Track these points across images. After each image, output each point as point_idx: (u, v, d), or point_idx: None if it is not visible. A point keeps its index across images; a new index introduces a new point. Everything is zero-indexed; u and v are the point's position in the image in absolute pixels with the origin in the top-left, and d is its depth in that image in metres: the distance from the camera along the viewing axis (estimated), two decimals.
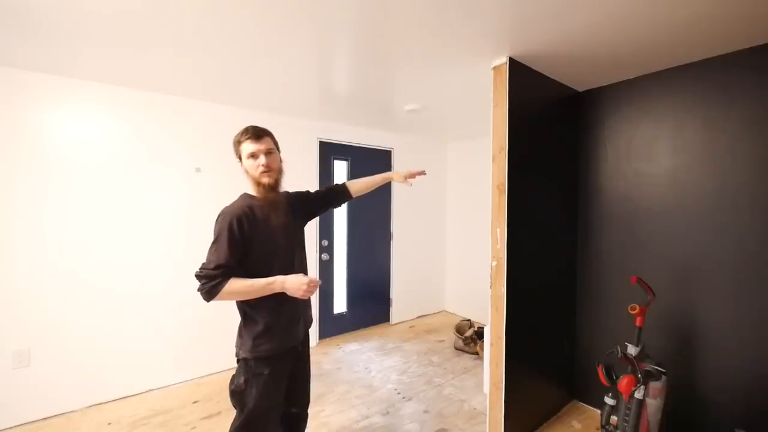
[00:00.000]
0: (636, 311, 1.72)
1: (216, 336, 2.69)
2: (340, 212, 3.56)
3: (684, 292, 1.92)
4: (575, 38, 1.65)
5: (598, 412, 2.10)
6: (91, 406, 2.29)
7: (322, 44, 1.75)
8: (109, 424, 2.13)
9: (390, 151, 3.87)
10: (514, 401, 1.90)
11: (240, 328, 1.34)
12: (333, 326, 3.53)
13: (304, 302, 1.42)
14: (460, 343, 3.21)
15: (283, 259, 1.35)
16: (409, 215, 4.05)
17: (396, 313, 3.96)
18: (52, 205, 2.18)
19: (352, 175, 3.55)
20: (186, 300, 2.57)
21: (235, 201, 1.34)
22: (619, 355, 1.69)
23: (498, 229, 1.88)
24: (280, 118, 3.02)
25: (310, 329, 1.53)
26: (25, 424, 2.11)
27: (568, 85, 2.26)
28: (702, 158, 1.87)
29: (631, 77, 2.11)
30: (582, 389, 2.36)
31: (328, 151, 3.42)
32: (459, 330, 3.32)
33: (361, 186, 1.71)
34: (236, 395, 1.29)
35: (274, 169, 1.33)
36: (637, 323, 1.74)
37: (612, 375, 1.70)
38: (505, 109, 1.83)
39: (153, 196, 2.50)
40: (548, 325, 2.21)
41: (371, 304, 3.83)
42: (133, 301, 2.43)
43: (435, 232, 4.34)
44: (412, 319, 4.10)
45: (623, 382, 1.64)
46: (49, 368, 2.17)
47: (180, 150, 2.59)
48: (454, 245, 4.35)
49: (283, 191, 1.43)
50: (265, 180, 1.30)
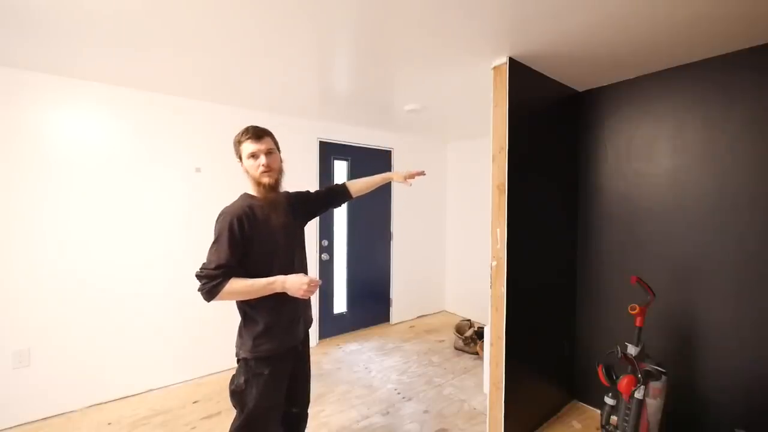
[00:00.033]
0: (636, 311, 1.72)
1: (216, 336, 2.69)
2: (340, 212, 3.56)
3: (684, 292, 1.92)
4: (575, 38, 1.65)
5: (598, 412, 2.10)
6: (91, 406, 2.29)
7: (322, 44, 1.75)
8: (109, 424, 2.13)
9: (390, 151, 3.87)
10: (514, 401, 1.90)
11: (240, 328, 1.34)
12: (333, 326, 3.53)
13: (304, 302, 1.42)
14: (460, 343, 3.22)
15: (283, 259, 1.35)
16: (409, 215, 4.05)
17: (396, 313, 3.96)
18: (52, 205, 2.18)
19: (352, 175, 3.55)
20: (186, 300, 2.57)
21: (236, 201, 1.34)
22: (619, 355, 1.69)
23: (498, 229, 1.88)
24: (280, 118, 3.02)
25: (310, 329, 1.53)
26: (25, 424, 2.11)
27: (568, 85, 2.26)
28: (702, 158, 1.87)
29: (631, 77, 2.11)
30: (582, 389, 2.37)
31: (328, 151, 3.42)
32: (459, 330, 3.32)
33: (361, 186, 1.71)
34: (236, 395, 1.29)
35: (275, 169, 1.33)
36: (637, 323, 1.74)
37: (612, 375, 1.71)
38: (505, 109, 1.83)
39: (153, 196, 2.50)
40: (548, 325, 2.21)
41: (371, 304, 3.83)
42: (133, 301, 2.43)
43: (435, 232, 4.33)
44: (412, 319, 4.10)
45: (623, 382, 1.64)
46: (49, 368, 2.18)
47: (180, 150, 2.59)
48: (454, 245, 4.35)
49: (283, 191, 1.43)
50: (266, 180, 1.30)
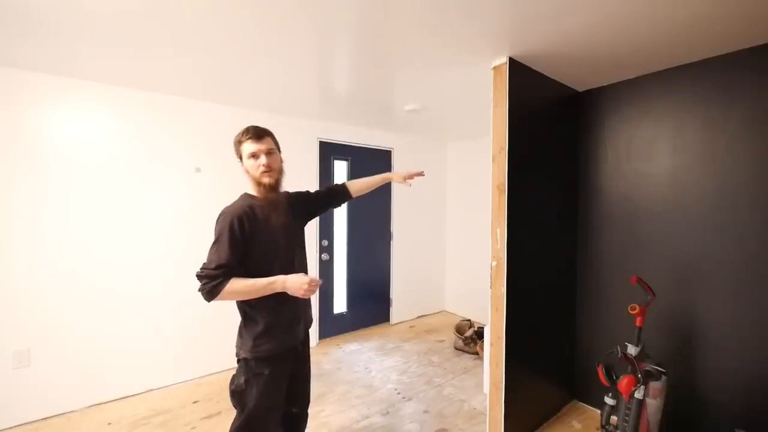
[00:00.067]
0: (636, 311, 1.72)
1: (216, 336, 2.69)
2: (340, 212, 3.56)
3: (684, 292, 1.92)
4: (575, 38, 1.65)
5: (598, 412, 2.10)
6: (91, 406, 2.29)
7: (322, 44, 1.75)
8: (109, 424, 2.13)
9: (390, 151, 3.87)
10: (514, 401, 1.90)
11: (240, 328, 1.34)
12: (333, 326, 3.53)
13: (304, 302, 1.43)
14: (460, 343, 3.22)
15: (283, 259, 1.35)
16: (409, 215, 4.05)
17: (396, 313, 3.96)
18: (52, 205, 2.18)
19: (352, 175, 3.55)
20: (186, 300, 2.57)
21: (236, 201, 1.34)
22: (619, 355, 1.69)
23: (498, 229, 1.88)
24: (280, 118, 3.02)
25: (310, 329, 1.53)
26: (25, 424, 2.11)
27: (568, 85, 2.26)
28: (702, 158, 1.87)
29: (631, 77, 2.11)
30: (582, 389, 2.37)
31: (328, 151, 3.42)
32: (459, 330, 3.32)
33: (360, 186, 1.71)
34: (236, 395, 1.29)
35: (275, 169, 1.33)
36: (637, 323, 1.74)
37: (612, 375, 1.71)
38: (505, 109, 1.83)
39: (153, 196, 2.50)
40: (548, 325, 2.21)
41: (371, 304, 3.83)
42: (133, 301, 2.43)
43: (435, 232, 4.33)
44: (412, 319, 4.10)
45: (623, 382, 1.64)
46: (49, 368, 2.18)
47: (180, 150, 2.59)
48: (454, 245, 4.35)
49: (283, 191, 1.43)
50: (266, 180, 1.30)
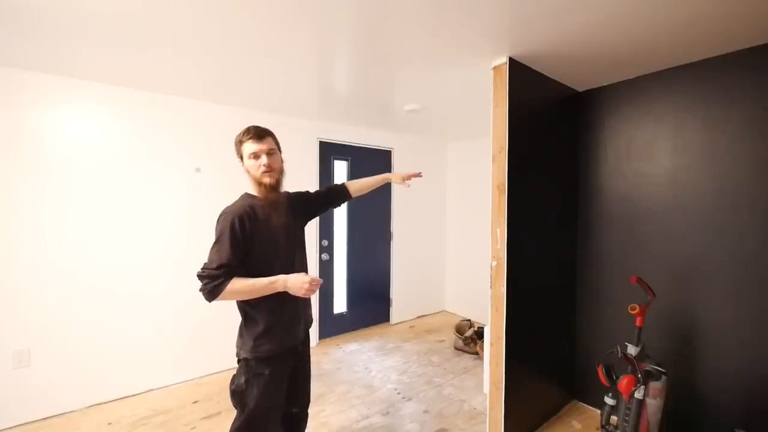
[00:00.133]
0: (636, 311, 1.72)
1: (216, 336, 2.69)
2: (340, 212, 3.56)
3: (684, 292, 1.92)
4: (575, 38, 1.65)
5: (598, 412, 2.10)
6: (91, 406, 2.29)
7: (322, 44, 1.75)
8: (109, 424, 2.13)
9: (390, 151, 3.87)
10: (514, 401, 1.90)
11: (241, 328, 1.34)
12: (333, 326, 3.53)
13: (304, 302, 1.43)
14: (460, 343, 3.22)
15: (283, 259, 1.35)
16: (409, 215, 4.05)
17: (396, 313, 3.96)
18: (52, 205, 2.18)
19: (352, 175, 3.55)
20: (186, 300, 2.57)
21: (236, 201, 1.34)
22: (619, 355, 1.69)
23: (498, 229, 1.88)
24: (280, 118, 3.02)
25: (310, 329, 1.53)
26: (25, 424, 2.11)
27: (568, 85, 2.26)
28: (702, 158, 1.87)
29: (631, 77, 2.11)
30: (582, 389, 2.37)
31: (328, 151, 3.42)
32: (459, 330, 3.32)
33: (360, 186, 1.72)
34: (237, 395, 1.29)
35: (276, 170, 1.33)
36: (637, 323, 1.74)
37: (612, 375, 1.71)
38: (505, 109, 1.83)
39: (153, 196, 2.50)
40: (548, 325, 2.21)
41: (371, 304, 3.83)
42: (133, 301, 2.43)
43: (435, 232, 4.33)
44: (412, 319, 4.10)
45: (623, 382, 1.64)
46: (49, 368, 2.18)
47: (180, 150, 2.59)
48: (454, 245, 4.35)
49: (284, 191, 1.43)
50: (267, 180, 1.30)
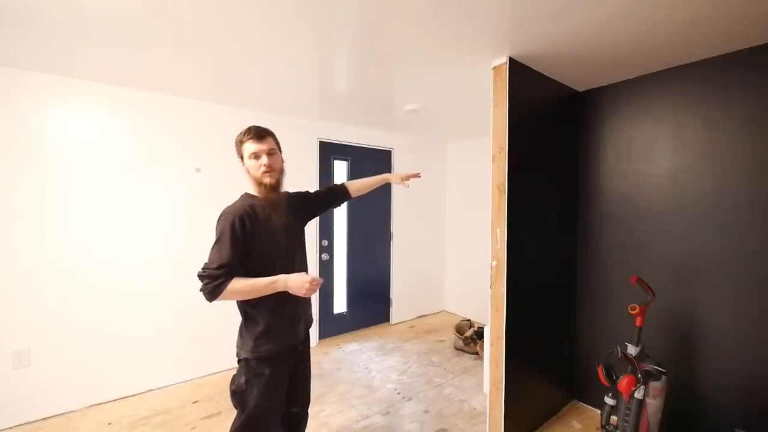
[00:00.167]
0: (636, 311, 1.72)
1: (216, 336, 2.69)
2: (340, 212, 3.56)
3: (684, 292, 1.92)
4: (575, 38, 1.65)
5: (598, 412, 2.10)
6: (91, 406, 2.29)
7: (322, 44, 1.75)
8: (109, 424, 2.13)
9: (390, 151, 3.87)
10: (514, 401, 1.90)
11: (241, 328, 1.34)
12: (333, 326, 3.53)
13: (304, 302, 1.43)
14: (460, 343, 3.22)
15: (284, 259, 1.35)
16: (409, 215, 4.05)
17: (396, 313, 3.96)
18: (52, 205, 2.18)
19: (352, 175, 3.55)
20: (186, 300, 2.57)
21: (237, 201, 1.34)
22: (619, 355, 1.69)
23: (498, 229, 1.88)
24: (280, 118, 3.02)
25: (310, 329, 1.53)
26: (25, 424, 2.11)
27: (568, 85, 2.26)
28: (702, 158, 1.87)
29: (631, 77, 2.11)
30: (582, 389, 2.37)
31: (328, 151, 3.42)
32: (459, 330, 3.32)
33: (360, 186, 1.72)
34: (237, 395, 1.29)
35: (276, 170, 1.34)
36: (637, 323, 1.74)
37: (612, 375, 1.71)
38: (505, 109, 1.83)
39: (153, 196, 2.50)
40: (548, 325, 2.21)
41: (371, 304, 3.83)
42: (133, 301, 2.43)
43: (435, 232, 4.33)
44: (412, 319, 4.10)
45: (623, 382, 1.64)
46: (49, 368, 2.17)
47: (180, 150, 2.59)
48: (454, 245, 4.35)
49: (284, 191, 1.44)
50: (267, 180, 1.31)
